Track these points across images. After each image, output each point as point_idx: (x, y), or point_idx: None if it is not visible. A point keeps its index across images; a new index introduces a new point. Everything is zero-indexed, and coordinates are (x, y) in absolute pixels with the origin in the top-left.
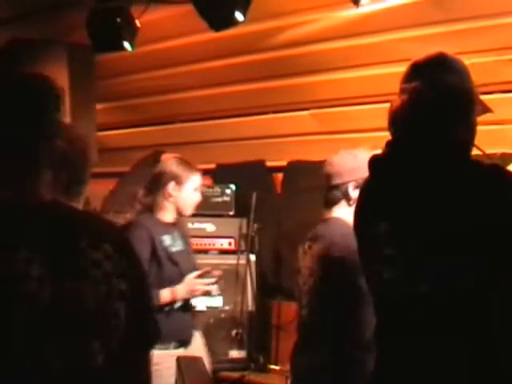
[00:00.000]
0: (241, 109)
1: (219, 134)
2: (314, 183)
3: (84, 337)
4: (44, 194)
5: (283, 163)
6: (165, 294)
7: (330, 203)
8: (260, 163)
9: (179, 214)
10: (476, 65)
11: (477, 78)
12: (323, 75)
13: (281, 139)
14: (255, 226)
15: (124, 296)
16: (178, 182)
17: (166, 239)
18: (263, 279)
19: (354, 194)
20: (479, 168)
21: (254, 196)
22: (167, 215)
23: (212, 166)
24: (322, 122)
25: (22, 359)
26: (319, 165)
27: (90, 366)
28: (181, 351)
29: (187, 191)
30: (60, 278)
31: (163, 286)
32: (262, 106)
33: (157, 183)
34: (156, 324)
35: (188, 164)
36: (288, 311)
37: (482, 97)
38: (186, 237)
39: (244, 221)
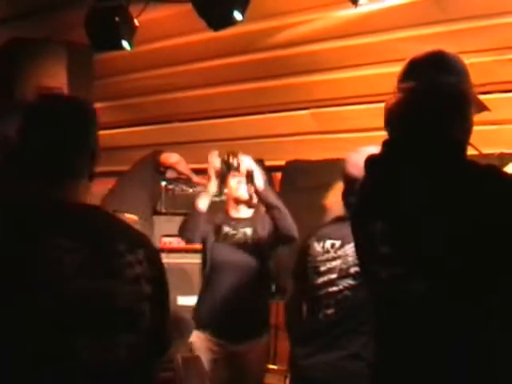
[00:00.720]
0: (238, 108)
1: (216, 134)
2: (312, 183)
3: (113, 332)
4: (84, 199)
5: (281, 163)
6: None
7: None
8: (258, 162)
9: None
10: (474, 65)
11: (475, 77)
12: (321, 75)
13: (279, 139)
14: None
15: (149, 299)
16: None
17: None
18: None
19: None
20: (474, 168)
21: None
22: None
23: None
24: (320, 121)
25: (51, 345)
26: (317, 164)
27: (116, 360)
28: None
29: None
30: (97, 273)
31: None
32: (260, 105)
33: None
34: (170, 334)
35: None
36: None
37: (480, 97)
38: None
39: None
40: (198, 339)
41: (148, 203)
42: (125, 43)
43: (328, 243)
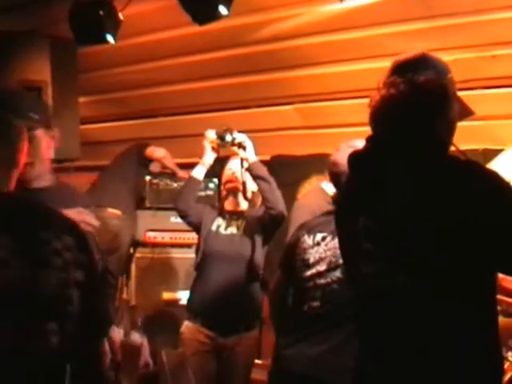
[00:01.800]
0: (224, 103)
1: (202, 128)
2: (296, 177)
3: (40, 319)
4: (12, 182)
5: (267, 157)
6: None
7: None
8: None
9: None
10: (458, 61)
11: (459, 73)
12: (307, 70)
13: (264, 133)
14: None
15: (80, 285)
16: None
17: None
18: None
19: None
20: (456, 164)
21: None
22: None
23: (195, 160)
24: (306, 116)
25: None
26: (302, 159)
27: (45, 346)
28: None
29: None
30: (23, 262)
31: None
32: (246, 100)
33: None
34: (110, 314)
35: None
36: None
37: (465, 93)
38: None
39: None
40: (187, 330)
41: (131, 197)
42: (109, 37)
43: (319, 236)
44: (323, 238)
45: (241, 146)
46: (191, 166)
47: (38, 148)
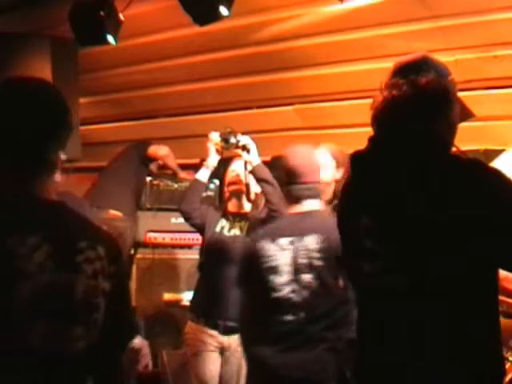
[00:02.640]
0: (225, 104)
1: (203, 129)
2: None
3: (69, 323)
4: (50, 195)
5: (267, 158)
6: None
7: (305, 197)
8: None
9: None
10: (460, 61)
11: (460, 74)
12: (308, 70)
13: (265, 134)
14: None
15: (106, 294)
16: None
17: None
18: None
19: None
20: (459, 163)
21: None
22: None
23: (196, 160)
24: (306, 117)
25: (5, 331)
26: None
27: (71, 350)
28: (214, 333)
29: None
30: (57, 268)
31: None
32: (246, 100)
33: None
34: (134, 324)
35: None
36: None
37: (466, 93)
38: None
39: None
40: (190, 330)
41: (132, 198)
42: (110, 38)
43: (284, 241)
44: (291, 242)
45: (245, 148)
46: (192, 167)
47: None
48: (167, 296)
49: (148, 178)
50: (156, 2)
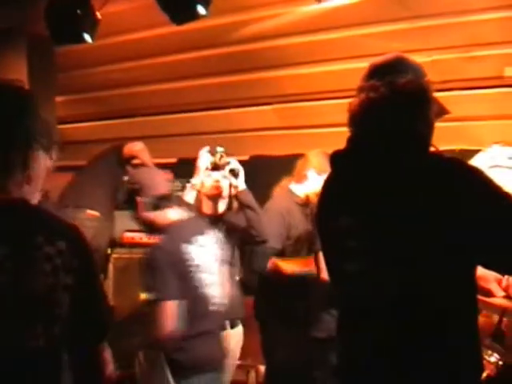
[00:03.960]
0: (203, 103)
1: (181, 128)
2: (275, 178)
3: (27, 320)
4: (13, 192)
5: (245, 158)
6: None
7: None
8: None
9: None
10: (438, 61)
11: (438, 74)
12: (287, 70)
13: (242, 134)
14: None
15: (69, 289)
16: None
17: None
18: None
19: None
20: (438, 161)
21: None
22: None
23: (173, 160)
24: (285, 116)
25: None
26: (281, 160)
27: (30, 347)
28: None
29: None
30: (14, 266)
31: None
32: (225, 100)
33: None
34: (106, 317)
35: None
36: (247, 305)
37: (443, 94)
38: None
39: None
40: None
41: (109, 198)
42: (87, 36)
43: (202, 239)
44: (209, 239)
45: (233, 172)
46: (170, 166)
47: (38, 168)
48: (144, 296)
49: (125, 178)
50: (133, 1)
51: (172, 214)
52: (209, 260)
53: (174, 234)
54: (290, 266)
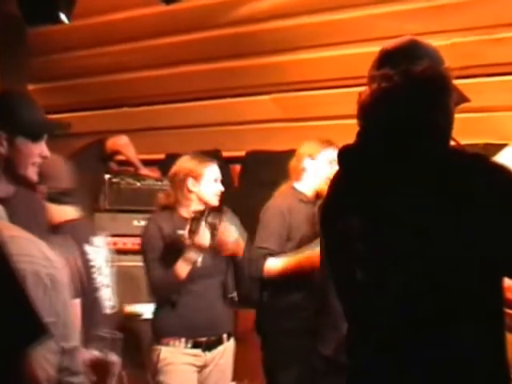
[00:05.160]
0: (195, 92)
1: (170, 121)
2: (275, 176)
3: None
4: None
5: (241, 153)
6: (178, 265)
7: None
8: (215, 153)
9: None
10: (457, 45)
11: (458, 59)
12: (288, 55)
13: (239, 126)
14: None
15: None
16: (195, 176)
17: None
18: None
19: None
20: (460, 157)
21: None
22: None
23: (161, 155)
24: (287, 107)
25: None
26: (281, 155)
27: None
28: (197, 352)
29: (206, 184)
30: None
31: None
32: (219, 89)
33: (175, 183)
34: (30, 323)
35: (201, 157)
36: (247, 319)
37: (464, 81)
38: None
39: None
40: (170, 355)
41: (89, 199)
42: (63, 16)
43: (97, 240)
44: (101, 240)
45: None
46: (157, 162)
47: None
48: (128, 308)
49: (107, 176)
50: None
51: (69, 212)
52: (102, 262)
53: (74, 232)
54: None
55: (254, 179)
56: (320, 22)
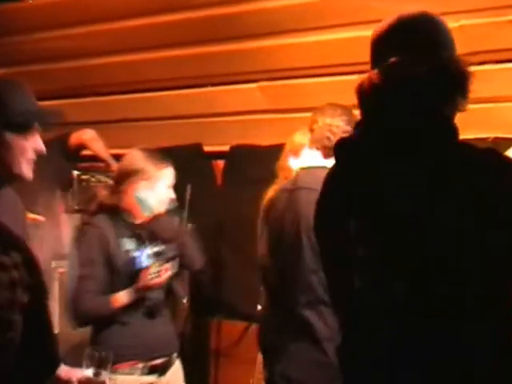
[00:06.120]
0: (171, 80)
1: (144, 111)
2: (262, 172)
3: None
4: None
5: (225, 148)
6: (119, 296)
7: None
8: (196, 148)
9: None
10: (466, 27)
11: (467, 44)
12: (275, 39)
13: (222, 118)
14: (189, 225)
15: (24, 308)
16: (149, 179)
17: (127, 242)
18: (199, 292)
19: None
20: (472, 153)
21: (189, 188)
22: (136, 216)
23: None
24: (274, 97)
25: None
26: (269, 150)
27: None
28: (153, 379)
29: (159, 189)
30: None
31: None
32: (199, 76)
33: (123, 181)
34: (56, 347)
35: (156, 156)
36: (230, 331)
37: (473, 68)
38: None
39: (175, 219)
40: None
41: (55, 198)
42: None
43: None
44: None
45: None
46: None
47: None
48: None
49: (75, 173)
50: None
51: None
52: None
53: None
54: None
55: (240, 177)
56: (309, 2)
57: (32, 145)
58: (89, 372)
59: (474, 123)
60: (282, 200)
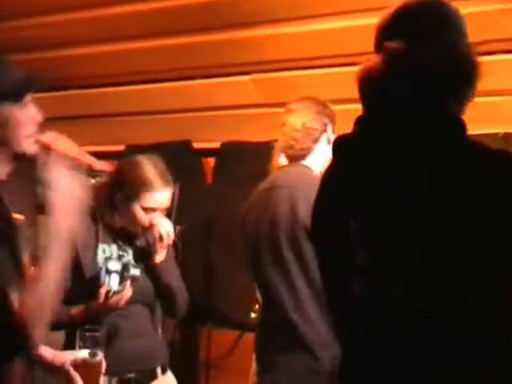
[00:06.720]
0: (157, 72)
1: (129, 106)
2: (254, 170)
3: None
4: None
5: (215, 145)
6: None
7: None
8: (185, 144)
9: None
10: (474, 15)
11: (475, 32)
12: (268, 28)
13: (212, 112)
14: (178, 226)
15: None
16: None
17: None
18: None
19: None
20: (481, 152)
21: (177, 187)
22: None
23: (120, 147)
24: (267, 89)
25: None
26: (261, 147)
27: None
28: None
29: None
30: None
31: None
32: (186, 68)
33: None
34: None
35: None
36: (222, 341)
37: (481, 58)
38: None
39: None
40: None
41: (35, 198)
42: None
43: None
44: None
45: None
46: (116, 155)
47: None
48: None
49: None
50: None
51: None
52: None
53: None
54: None
55: (230, 174)
56: None
57: (27, 116)
58: (83, 353)
59: (482, 118)
60: (258, 202)
